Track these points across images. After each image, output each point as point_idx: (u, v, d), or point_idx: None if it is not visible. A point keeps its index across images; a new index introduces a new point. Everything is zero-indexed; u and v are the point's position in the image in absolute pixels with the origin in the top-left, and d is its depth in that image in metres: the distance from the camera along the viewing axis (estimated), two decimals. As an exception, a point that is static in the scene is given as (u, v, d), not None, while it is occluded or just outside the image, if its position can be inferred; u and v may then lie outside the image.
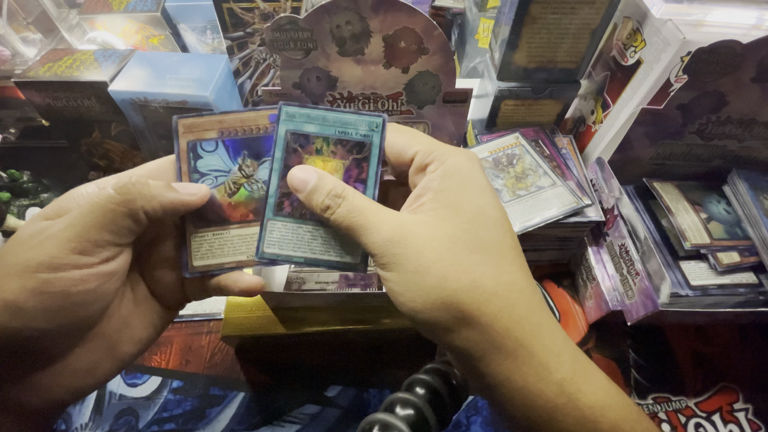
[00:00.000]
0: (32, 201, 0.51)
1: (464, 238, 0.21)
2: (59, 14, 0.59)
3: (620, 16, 0.43)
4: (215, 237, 0.26)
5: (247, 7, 0.43)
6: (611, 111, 0.45)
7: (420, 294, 0.20)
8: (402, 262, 0.20)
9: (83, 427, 0.38)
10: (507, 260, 0.21)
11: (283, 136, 0.25)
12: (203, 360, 0.42)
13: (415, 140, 0.24)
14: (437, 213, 0.21)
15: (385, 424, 0.22)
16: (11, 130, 0.58)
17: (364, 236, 0.22)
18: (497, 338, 0.20)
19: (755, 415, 0.40)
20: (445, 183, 0.22)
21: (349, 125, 0.25)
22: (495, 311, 0.20)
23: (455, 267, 0.20)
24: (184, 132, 0.26)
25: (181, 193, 0.24)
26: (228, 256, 0.26)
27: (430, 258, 0.20)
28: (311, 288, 0.39)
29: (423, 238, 0.21)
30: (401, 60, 0.37)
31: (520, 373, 0.20)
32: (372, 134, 0.25)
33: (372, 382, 0.41)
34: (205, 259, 0.26)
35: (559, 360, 0.20)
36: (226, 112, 0.26)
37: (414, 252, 0.21)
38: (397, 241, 0.21)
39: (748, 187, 0.42)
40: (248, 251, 0.26)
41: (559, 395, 0.19)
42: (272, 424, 0.39)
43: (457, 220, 0.21)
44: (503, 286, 0.20)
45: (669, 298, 0.35)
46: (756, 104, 0.39)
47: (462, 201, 0.22)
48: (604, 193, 0.42)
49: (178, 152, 0.26)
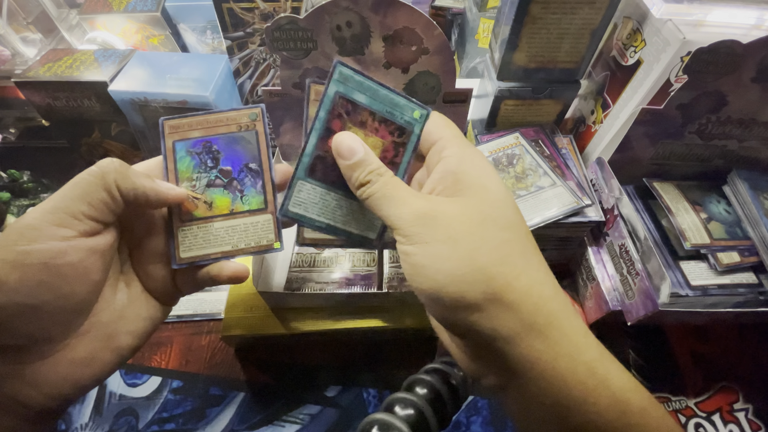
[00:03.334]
0: (32, 201, 0.51)
1: (494, 215, 0.21)
2: (59, 14, 0.59)
3: (620, 16, 0.43)
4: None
5: (247, 7, 0.43)
6: (611, 111, 0.45)
7: (449, 265, 0.20)
8: (432, 233, 0.20)
9: (83, 427, 0.38)
10: (531, 243, 0.22)
11: (332, 96, 0.24)
12: (203, 360, 0.42)
13: (442, 129, 0.24)
14: (465, 193, 0.22)
15: (385, 424, 0.22)
16: (11, 130, 0.58)
17: (394, 208, 0.21)
18: (527, 316, 0.19)
19: (755, 415, 0.40)
20: (465, 165, 0.22)
21: (396, 107, 0.25)
22: (525, 288, 0.19)
23: (486, 241, 0.20)
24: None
25: (159, 183, 0.24)
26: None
27: (460, 230, 0.20)
28: (311, 288, 0.39)
29: (453, 213, 0.21)
30: (401, 60, 0.37)
31: (551, 353, 0.19)
32: (415, 123, 0.25)
33: (372, 382, 0.41)
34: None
35: (586, 341, 0.20)
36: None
37: (444, 223, 0.20)
38: (428, 212, 0.21)
39: (748, 187, 0.42)
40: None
41: (590, 377, 0.19)
42: (272, 424, 0.39)
43: (486, 198, 0.21)
44: (531, 264, 0.20)
45: (669, 298, 0.35)
46: (756, 104, 0.39)
47: (487, 182, 0.22)
48: (604, 193, 0.42)
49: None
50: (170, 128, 0.27)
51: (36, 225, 0.20)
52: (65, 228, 0.21)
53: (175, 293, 0.27)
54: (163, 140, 0.27)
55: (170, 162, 0.27)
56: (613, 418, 0.18)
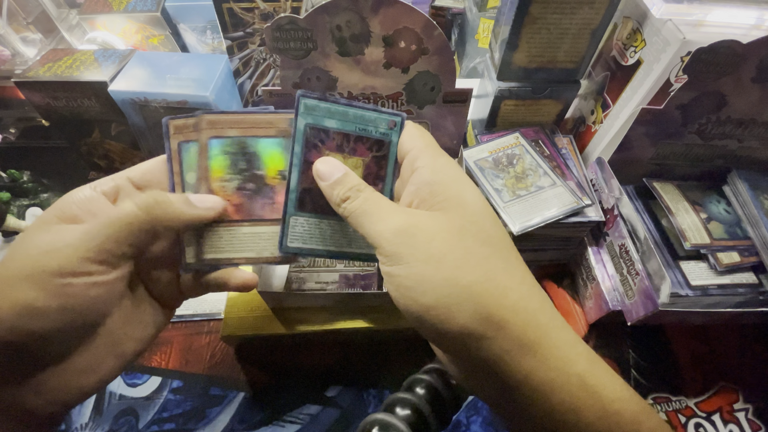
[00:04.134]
0: (32, 201, 0.51)
1: (473, 230, 0.20)
2: (59, 14, 0.59)
3: (620, 16, 0.43)
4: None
5: (247, 7, 0.43)
6: (611, 111, 0.45)
7: (432, 287, 0.19)
8: (412, 253, 0.20)
9: (83, 427, 0.38)
10: (513, 256, 0.21)
11: (303, 130, 0.24)
12: (203, 360, 0.42)
13: (414, 139, 0.24)
14: (441, 206, 0.21)
15: (385, 424, 0.22)
16: (11, 130, 0.58)
17: (373, 225, 0.21)
18: (516, 332, 0.19)
19: (755, 415, 0.40)
20: (439, 176, 0.22)
21: (369, 123, 0.25)
22: (511, 304, 0.19)
23: (468, 259, 0.20)
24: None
25: (199, 208, 0.25)
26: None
27: (441, 248, 0.20)
28: (311, 288, 0.39)
29: (433, 229, 0.20)
30: (401, 60, 0.37)
31: (542, 368, 0.19)
32: (391, 133, 0.25)
33: (372, 382, 0.41)
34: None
35: (576, 351, 0.19)
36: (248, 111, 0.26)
37: (425, 241, 0.20)
38: (407, 230, 0.20)
39: (748, 187, 0.42)
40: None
41: (581, 389, 0.19)
42: (272, 424, 0.39)
43: (464, 212, 0.21)
44: (515, 279, 0.20)
45: (669, 298, 0.35)
46: (756, 104, 0.39)
47: (462, 194, 0.21)
48: (604, 193, 0.42)
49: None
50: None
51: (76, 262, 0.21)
52: (104, 266, 0.21)
53: (180, 297, 0.27)
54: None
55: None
56: (604, 428, 0.18)
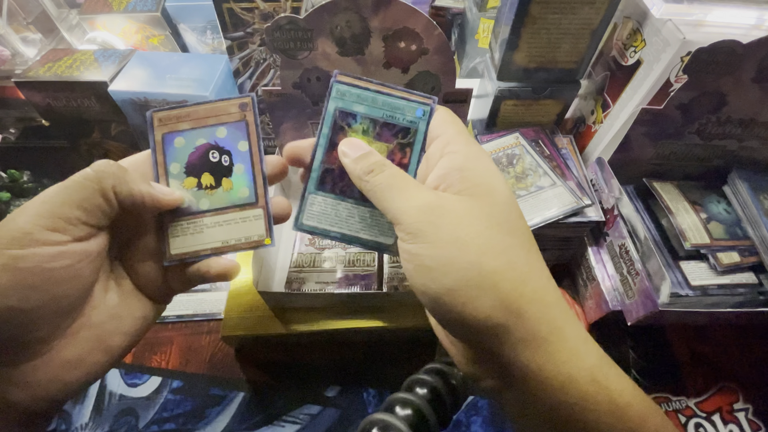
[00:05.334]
0: (32, 201, 0.51)
1: (500, 219, 0.21)
2: (59, 14, 0.59)
3: (620, 16, 0.43)
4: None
5: (247, 7, 0.43)
6: (611, 111, 0.45)
7: (455, 269, 0.19)
8: (438, 232, 0.20)
9: (83, 427, 0.38)
10: (534, 248, 0.21)
11: (332, 112, 0.25)
12: (203, 360, 0.42)
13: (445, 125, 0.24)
14: (471, 192, 0.21)
15: (385, 424, 0.22)
16: (11, 130, 0.58)
17: (398, 200, 0.21)
18: (533, 324, 0.19)
19: (755, 415, 0.40)
20: (471, 163, 0.22)
21: (397, 110, 0.25)
22: (531, 295, 0.19)
23: (493, 246, 0.20)
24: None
25: (155, 189, 0.24)
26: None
27: (468, 232, 0.20)
28: (311, 288, 0.39)
29: (460, 212, 0.20)
30: (401, 60, 0.37)
31: (553, 360, 0.19)
32: (419, 121, 0.25)
33: (372, 382, 0.41)
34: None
35: (587, 347, 0.20)
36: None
37: (451, 222, 0.20)
38: (434, 208, 0.20)
39: (748, 187, 0.42)
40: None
41: (591, 383, 0.19)
42: (272, 424, 0.39)
43: (492, 200, 0.21)
44: (535, 271, 0.20)
45: (669, 298, 0.35)
46: (756, 104, 0.39)
47: (493, 183, 0.22)
48: (604, 193, 0.42)
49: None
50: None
51: (29, 229, 0.20)
52: (59, 233, 0.20)
53: (168, 291, 0.27)
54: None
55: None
56: (611, 423, 0.18)
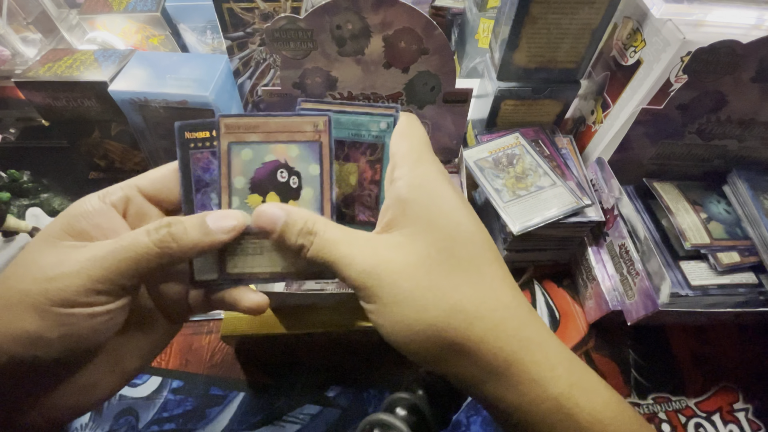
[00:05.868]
0: (32, 201, 0.51)
1: (440, 258, 0.20)
2: (59, 14, 0.59)
3: (620, 16, 0.43)
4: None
5: (247, 7, 0.43)
6: (611, 111, 0.45)
7: (402, 326, 0.20)
8: (380, 295, 0.20)
9: (83, 427, 0.38)
10: (488, 277, 0.20)
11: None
12: (203, 360, 0.42)
13: (398, 141, 0.23)
14: (410, 231, 0.21)
15: (385, 424, 0.22)
16: (11, 130, 0.58)
17: (340, 271, 0.21)
18: (486, 361, 0.19)
19: (755, 415, 0.40)
20: (414, 193, 0.21)
21: (362, 126, 0.24)
22: (480, 334, 0.19)
23: (433, 293, 0.20)
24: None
25: (216, 233, 0.22)
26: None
27: (406, 287, 0.20)
28: (311, 288, 0.39)
29: (398, 265, 0.20)
30: (401, 60, 0.37)
31: (514, 392, 0.19)
32: (384, 134, 0.24)
33: (372, 382, 0.41)
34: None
35: (553, 374, 0.19)
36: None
37: (389, 283, 0.20)
38: (370, 271, 0.20)
39: (748, 187, 0.42)
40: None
41: (556, 412, 0.19)
42: (272, 424, 0.39)
43: (431, 237, 0.20)
44: (486, 305, 0.20)
45: (669, 298, 0.35)
46: (756, 104, 0.39)
47: (434, 215, 0.21)
48: (604, 193, 0.42)
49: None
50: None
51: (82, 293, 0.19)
52: (107, 296, 0.20)
53: (187, 312, 0.26)
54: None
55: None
56: None
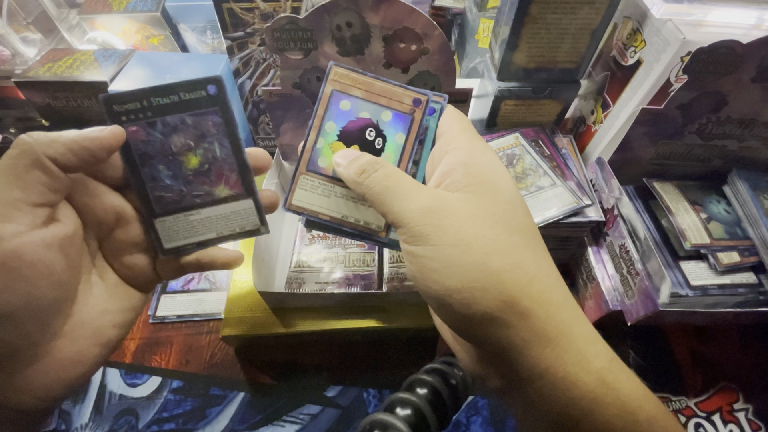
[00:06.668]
0: (32, 201, 0.51)
1: (505, 218, 0.20)
2: (59, 14, 0.59)
3: (620, 16, 0.43)
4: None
5: (247, 7, 0.43)
6: (611, 111, 0.45)
7: (460, 271, 0.19)
8: (440, 234, 0.19)
9: (83, 427, 0.38)
10: (541, 246, 0.21)
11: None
12: (203, 360, 0.42)
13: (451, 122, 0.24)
14: (475, 189, 0.21)
15: (385, 424, 0.22)
16: (11, 130, 0.58)
17: (397, 203, 0.20)
18: (539, 324, 0.19)
19: (755, 415, 0.40)
20: (476, 159, 0.22)
21: None
22: (537, 295, 0.19)
23: (498, 246, 0.19)
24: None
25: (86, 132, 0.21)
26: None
27: (472, 233, 0.19)
28: (311, 288, 0.39)
29: (464, 212, 0.20)
30: (401, 60, 0.37)
31: (561, 361, 0.18)
32: (429, 119, 0.25)
33: (372, 382, 0.41)
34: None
35: (596, 348, 0.19)
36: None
37: (454, 224, 0.19)
38: (436, 210, 0.20)
39: (748, 187, 0.42)
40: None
41: (600, 385, 0.18)
42: (272, 424, 0.39)
43: (497, 198, 0.21)
44: (542, 270, 0.20)
45: (669, 298, 0.35)
46: (756, 104, 0.39)
47: (498, 180, 0.21)
48: (604, 193, 0.42)
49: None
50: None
51: None
52: (10, 223, 0.19)
53: (155, 280, 0.26)
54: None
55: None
56: (620, 427, 0.18)
